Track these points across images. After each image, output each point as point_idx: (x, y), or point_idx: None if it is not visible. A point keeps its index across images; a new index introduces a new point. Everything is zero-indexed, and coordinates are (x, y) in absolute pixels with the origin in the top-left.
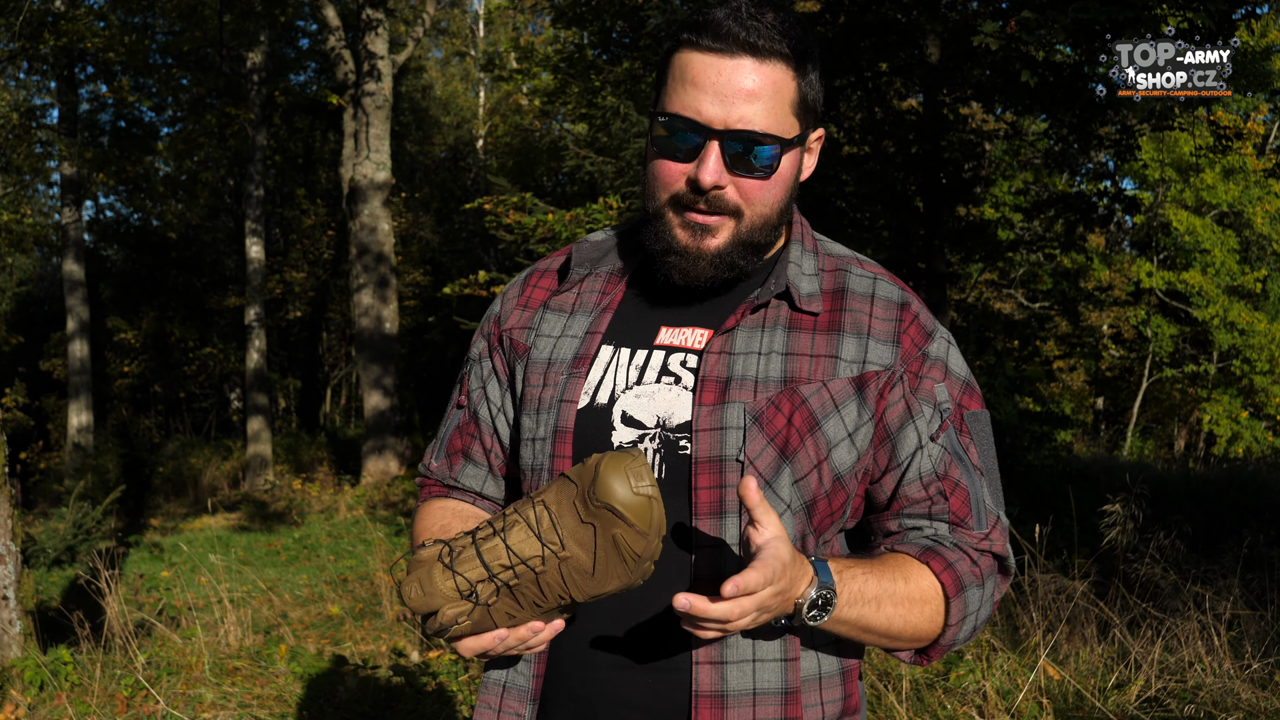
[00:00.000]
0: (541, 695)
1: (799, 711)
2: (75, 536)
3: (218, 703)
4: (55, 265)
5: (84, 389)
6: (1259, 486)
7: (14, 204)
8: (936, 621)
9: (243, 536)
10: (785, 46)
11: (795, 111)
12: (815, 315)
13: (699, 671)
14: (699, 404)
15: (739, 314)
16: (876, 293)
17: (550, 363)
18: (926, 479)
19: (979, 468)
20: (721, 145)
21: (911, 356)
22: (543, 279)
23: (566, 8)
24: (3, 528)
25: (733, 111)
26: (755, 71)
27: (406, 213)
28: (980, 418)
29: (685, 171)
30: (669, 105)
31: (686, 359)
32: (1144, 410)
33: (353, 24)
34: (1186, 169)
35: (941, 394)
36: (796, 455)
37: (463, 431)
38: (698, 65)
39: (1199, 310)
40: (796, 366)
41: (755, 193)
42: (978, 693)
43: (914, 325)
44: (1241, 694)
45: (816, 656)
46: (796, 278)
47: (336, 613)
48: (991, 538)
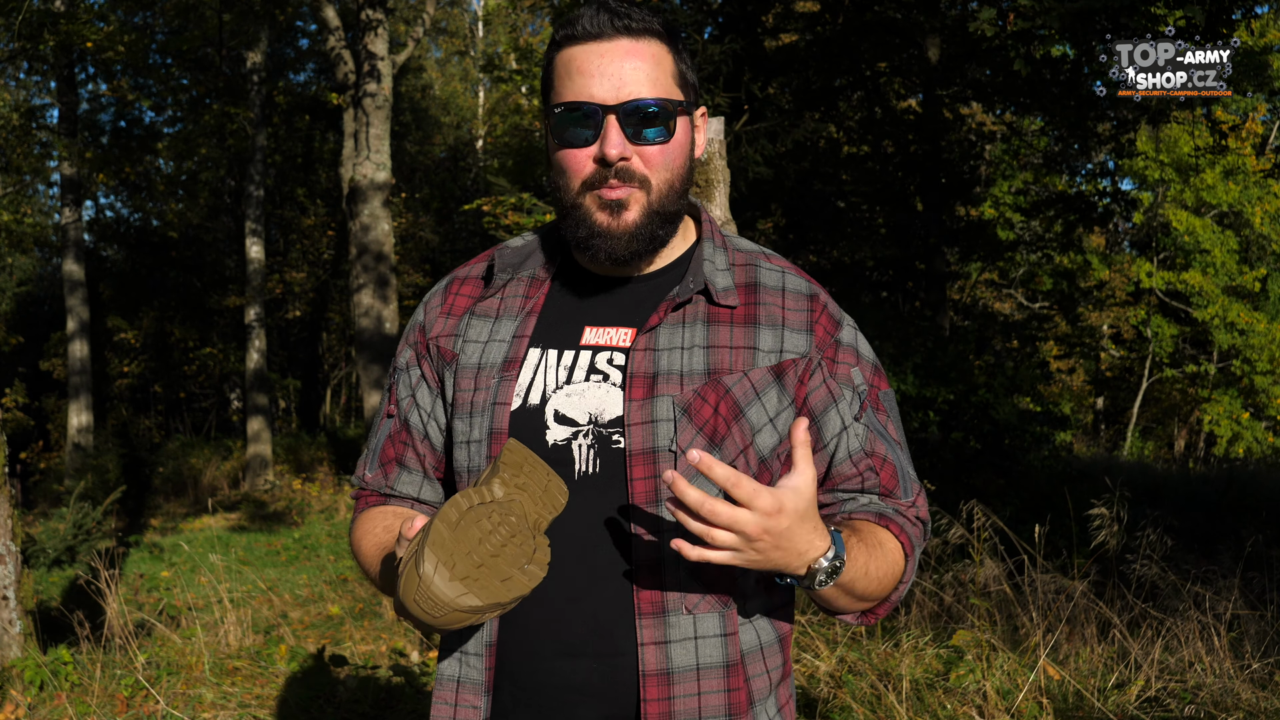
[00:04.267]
0: (494, 686)
1: (742, 682)
2: (75, 536)
3: (218, 703)
4: (55, 265)
5: (84, 389)
6: (1259, 486)
7: (14, 204)
8: (893, 583)
9: (243, 536)
10: (656, 24)
11: (677, 82)
12: (732, 309)
13: (644, 653)
14: (629, 399)
15: (661, 311)
16: (786, 286)
17: (480, 367)
18: (856, 457)
19: (897, 441)
20: (619, 118)
21: (826, 344)
22: (464, 286)
23: (566, 8)
24: (3, 528)
25: (622, 87)
26: (633, 48)
27: (406, 213)
28: (890, 396)
29: (590, 154)
30: (561, 98)
31: (613, 357)
32: (1144, 410)
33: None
34: (1186, 169)
35: (857, 377)
36: (724, 442)
37: (394, 440)
38: (580, 56)
39: (1199, 310)
40: (718, 358)
41: (658, 158)
42: (978, 693)
43: (824, 315)
44: (1241, 694)
45: (754, 629)
46: (712, 274)
47: (336, 613)
48: (917, 504)
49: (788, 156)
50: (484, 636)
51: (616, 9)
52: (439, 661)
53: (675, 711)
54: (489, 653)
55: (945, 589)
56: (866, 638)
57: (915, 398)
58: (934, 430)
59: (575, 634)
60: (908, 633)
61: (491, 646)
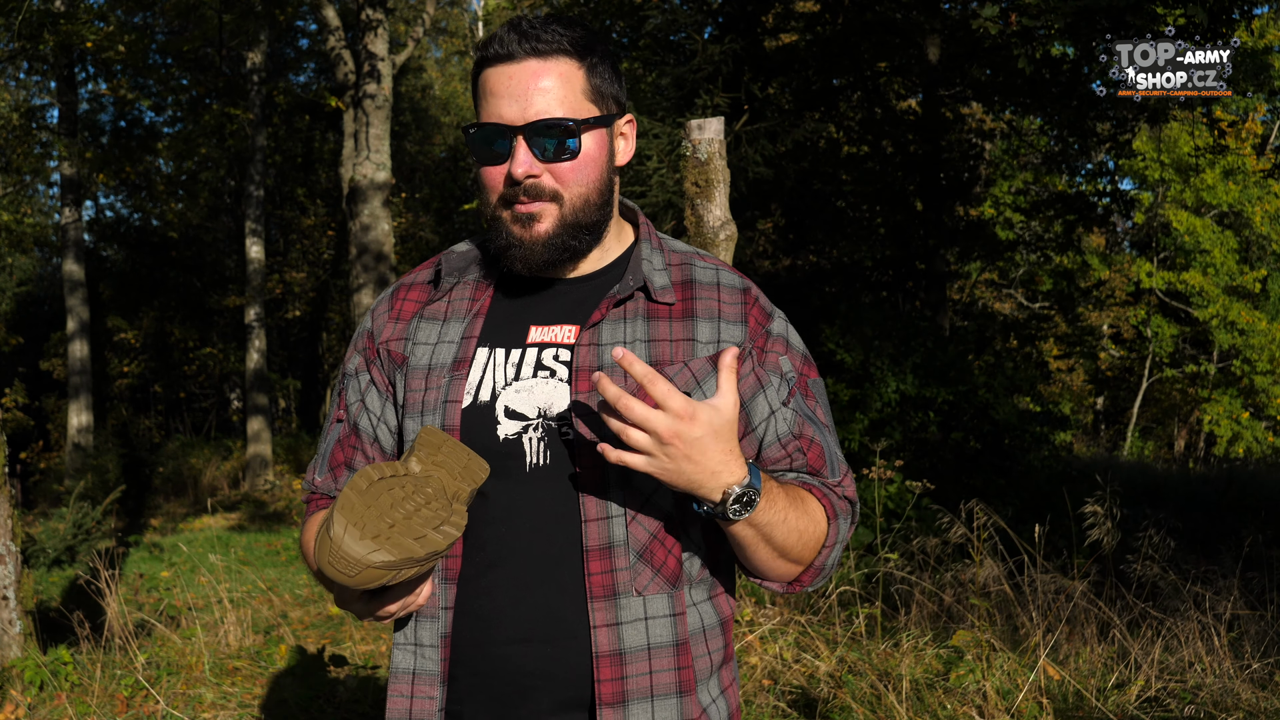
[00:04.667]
0: (449, 676)
1: (690, 660)
2: (75, 536)
3: (218, 703)
4: (55, 265)
5: (84, 389)
6: (1259, 486)
7: (14, 204)
8: (815, 547)
9: (243, 536)
10: (565, 43)
11: (589, 97)
12: (670, 305)
13: (597, 635)
14: (576, 392)
15: (603, 309)
16: (721, 281)
17: (430, 368)
18: (784, 439)
19: (826, 425)
20: (526, 138)
21: (757, 334)
22: (410, 291)
23: (565, 8)
24: (3, 528)
25: (529, 107)
26: (541, 69)
27: (406, 213)
28: (819, 384)
29: (503, 171)
30: (480, 118)
31: (559, 353)
32: (1144, 410)
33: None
34: (1186, 169)
35: (786, 365)
36: None
37: (344, 444)
38: (493, 78)
39: (1199, 310)
40: (659, 351)
41: (568, 174)
42: (978, 693)
43: (756, 307)
44: (1241, 694)
45: (698, 612)
46: (650, 273)
47: (336, 613)
48: (844, 484)
49: (788, 156)
50: (439, 628)
51: (526, 30)
52: (392, 655)
53: (628, 690)
54: (444, 644)
55: (945, 589)
56: (867, 638)
57: (915, 398)
58: (934, 430)
59: (529, 620)
60: (908, 633)
61: (446, 638)
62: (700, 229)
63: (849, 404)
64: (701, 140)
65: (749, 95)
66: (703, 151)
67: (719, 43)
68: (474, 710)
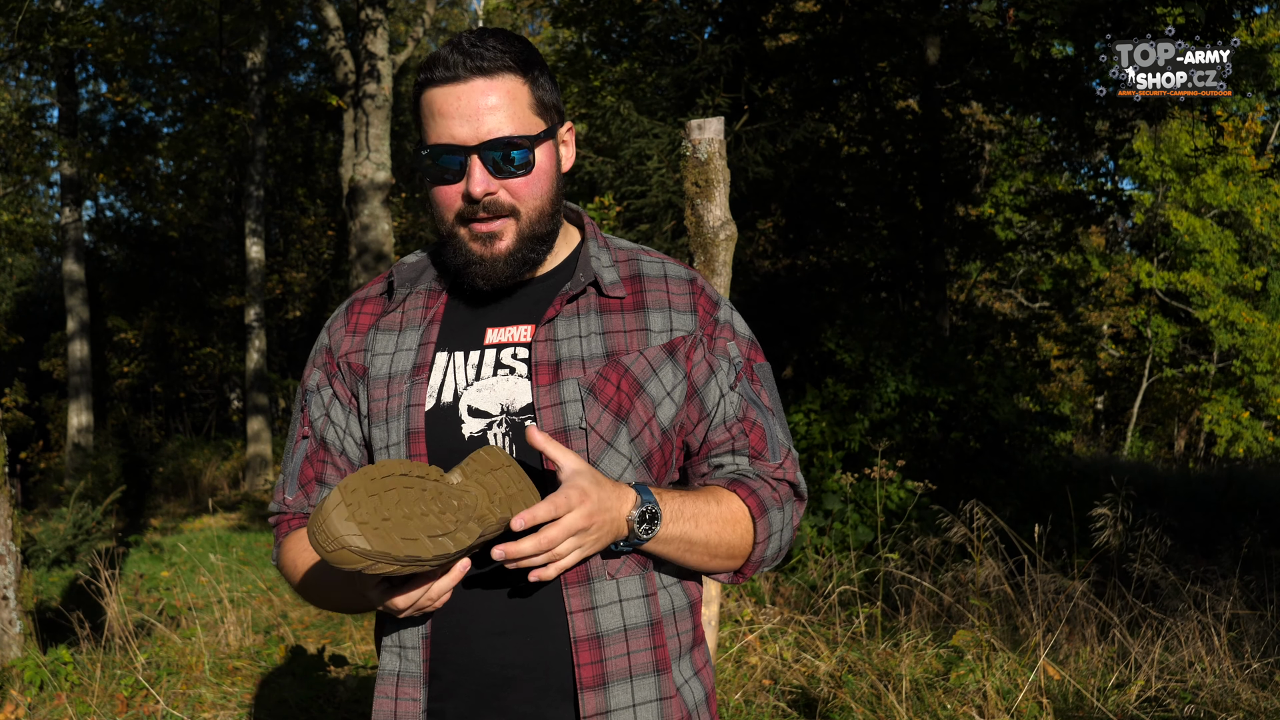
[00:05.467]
0: (430, 675)
1: (664, 640)
2: (75, 536)
3: (218, 703)
4: (55, 265)
5: (84, 389)
6: (1259, 486)
7: (14, 204)
8: (747, 540)
9: (243, 536)
10: (509, 60)
11: (535, 111)
12: (621, 299)
13: (574, 620)
14: (537, 385)
15: (556, 305)
16: (668, 273)
17: (391, 376)
18: (729, 422)
19: (770, 408)
20: (480, 157)
21: (706, 322)
22: (365, 305)
23: (565, 7)
24: (3, 528)
25: (481, 126)
26: (488, 88)
27: (406, 213)
28: (765, 368)
29: (459, 190)
30: (428, 139)
31: (517, 351)
32: (1144, 410)
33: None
34: (1186, 169)
35: (733, 350)
36: (629, 417)
37: (312, 460)
38: (439, 98)
39: (1199, 310)
40: (615, 342)
41: (523, 189)
42: (978, 693)
43: (703, 296)
44: (1241, 694)
45: (669, 594)
46: (599, 269)
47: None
48: (785, 466)
49: (788, 156)
50: (421, 630)
51: (469, 49)
52: (380, 656)
53: (608, 672)
54: (425, 645)
55: (945, 589)
56: (867, 638)
57: (915, 398)
58: (934, 430)
59: (505, 612)
60: (908, 633)
61: (427, 639)
62: (700, 229)
63: (849, 404)
64: (701, 140)
65: (749, 95)
66: (703, 151)
67: (719, 43)
68: (457, 705)
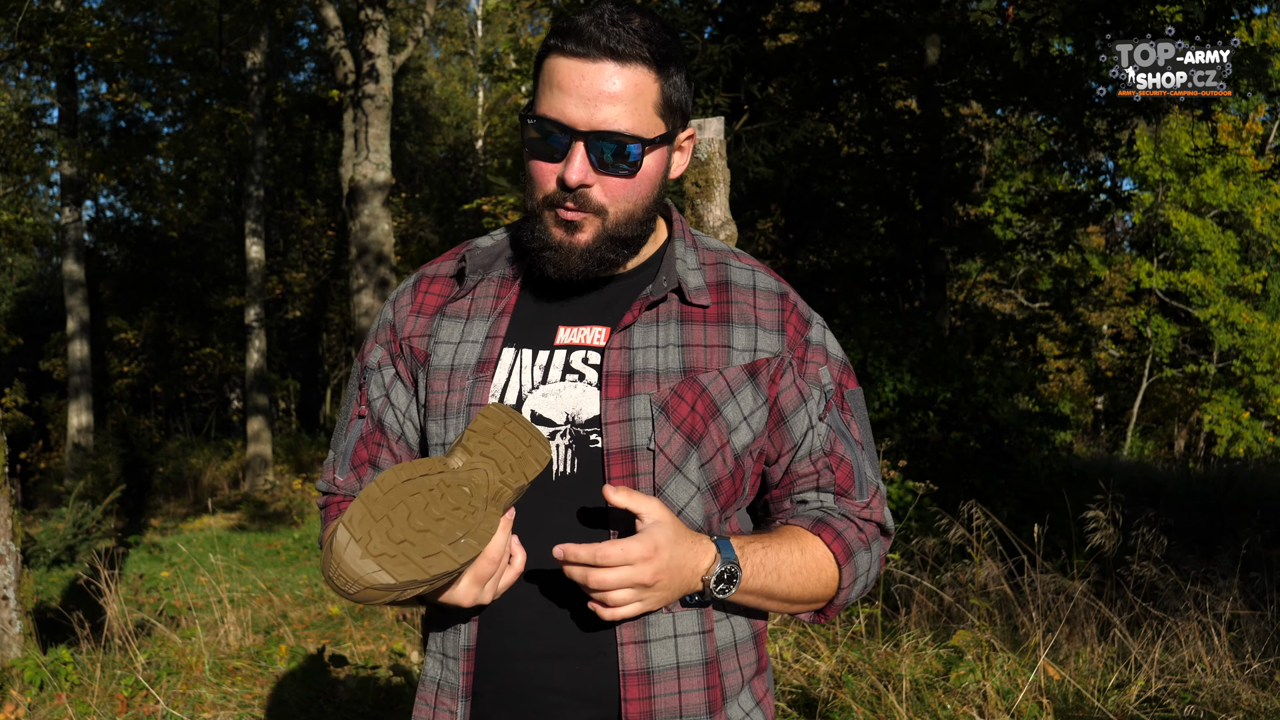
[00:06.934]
0: (473, 691)
1: (718, 679)
2: (75, 536)
3: (218, 703)
4: (55, 265)
5: (84, 389)
6: (1259, 486)
7: (14, 204)
8: (831, 586)
9: (243, 536)
10: (646, 51)
11: (659, 112)
12: (705, 308)
13: (624, 652)
14: (606, 398)
15: (635, 310)
16: (757, 284)
17: (453, 369)
18: (815, 455)
19: (859, 442)
20: (586, 145)
21: (796, 343)
22: (433, 284)
23: (565, 7)
24: (3, 528)
25: (596, 113)
26: (617, 74)
27: (406, 213)
28: (857, 395)
29: (555, 171)
30: (539, 109)
31: (588, 356)
32: (1144, 410)
33: (352, 24)
34: (1186, 169)
35: (825, 376)
36: (702, 441)
37: (367, 441)
38: (563, 70)
39: (1199, 310)
40: (694, 357)
41: (620, 190)
42: (978, 693)
43: (794, 314)
44: (1241, 694)
45: (730, 625)
46: (684, 273)
47: (336, 613)
48: (872, 506)
49: (787, 156)
50: (462, 640)
51: (609, 28)
52: (424, 660)
53: (656, 710)
54: (466, 656)
55: (945, 589)
56: (867, 638)
57: (914, 397)
58: (934, 430)
59: (555, 635)
60: (908, 633)
61: (470, 650)
62: (700, 229)
63: None
64: (701, 140)
65: (749, 95)
66: (703, 151)
67: (719, 43)
68: None
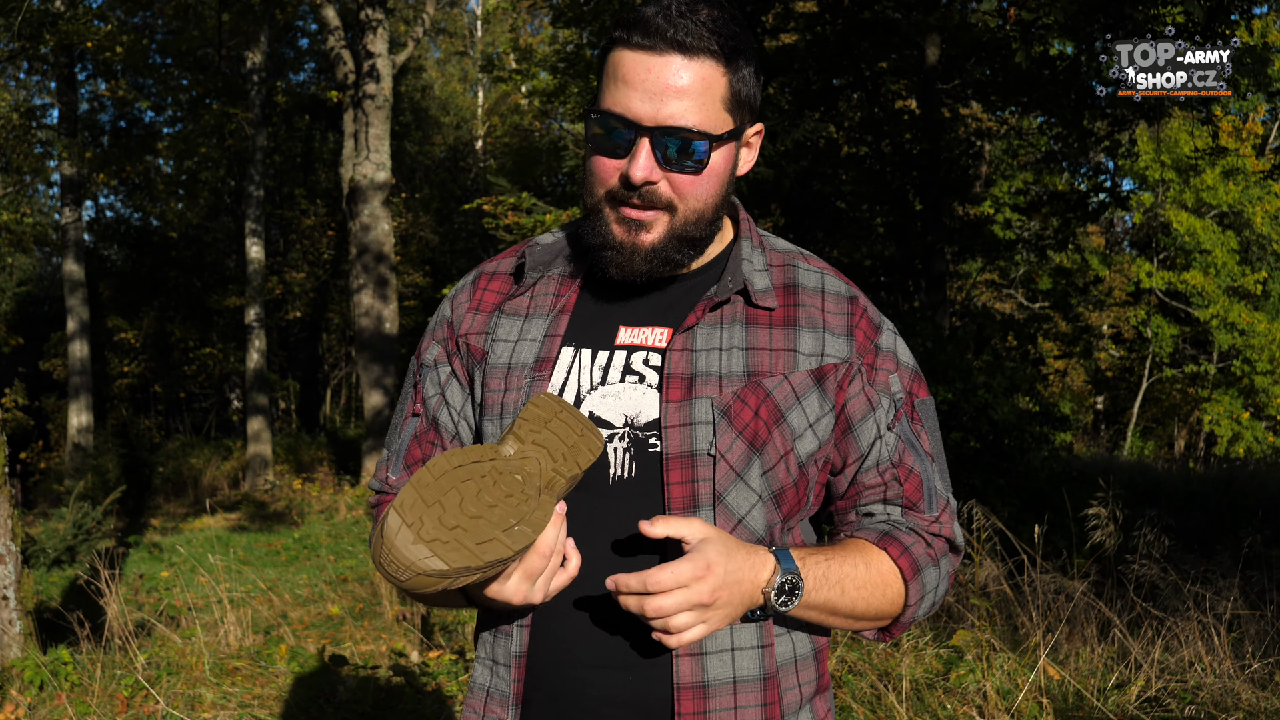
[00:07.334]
0: (523, 699)
1: (776, 695)
2: (75, 536)
3: (218, 703)
4: (55, 265)
5: (84, 389)
6: (1259, 486)
7: (14, 204)
8: (897, 603)
9: (242, 536)
10: (715, 44)
11: (727, 107)
12: (771, 310)
13: (679, 664)
14: (666, 401)
15: (699, 311)
16: (826, 288)
17: (510, 367)
18: (882, 466)
19: (929, 453)
20: (652, 141)
21: (865, 349)
22: (492, 281)
23: (565, 7)
24: (3, 528)
25: (662, 108)
26: (684, 68)
27: (406, 213)
28: (928, 404)
29: (619, 167)
30: (603, 103)
31: (649, 357)
32: (1144, 410)
33: (352, 24)
34: (1186, 169)
35: (895, 384)
36: (765, 447)
37: (421, 440)
38: (628, 63)
39: (1199, 310)
40: (758, 360)
41: (687, 187)
42: (978, 693)
43: (864, 319)
44: (1241, 694)
45: (790, 640)
46: (750, 274)
47: (336, 613)
48: (941, 520)
49: (787, 156)
50: (513, 647)
51: (676, 20)
52: (473, 667)
53: None
54: (518, 664)
55: None
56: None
57: None
58: None
59: (609, 644)
60: (907, 633)
61: (521, 657)
62: None
63: None
64: None
65: None
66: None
67: None
68: None
